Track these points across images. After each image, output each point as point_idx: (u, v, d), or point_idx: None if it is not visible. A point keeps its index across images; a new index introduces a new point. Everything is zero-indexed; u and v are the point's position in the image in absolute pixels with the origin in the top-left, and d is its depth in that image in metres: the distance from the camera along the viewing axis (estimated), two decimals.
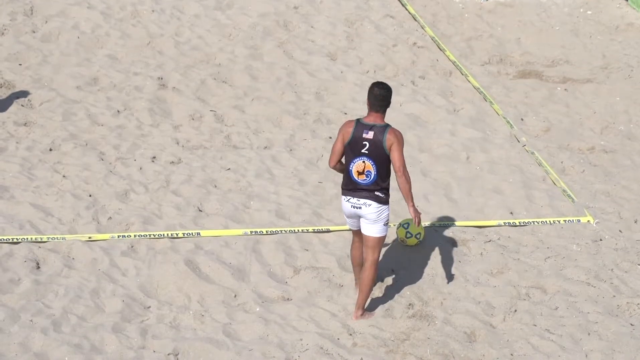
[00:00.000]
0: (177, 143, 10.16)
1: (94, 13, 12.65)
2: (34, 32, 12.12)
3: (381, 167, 7.35)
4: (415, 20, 13.12)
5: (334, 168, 7.56)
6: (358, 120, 7.44)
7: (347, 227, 8.66)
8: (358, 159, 7.35)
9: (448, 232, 8.84)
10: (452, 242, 8.72)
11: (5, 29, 12.10)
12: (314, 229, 8.78)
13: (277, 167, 9.85)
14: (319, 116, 10.83)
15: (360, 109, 10.88)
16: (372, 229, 7.46)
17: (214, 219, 8.89)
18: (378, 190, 7.37)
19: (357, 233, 7.70)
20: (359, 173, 7.37)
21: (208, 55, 11.94)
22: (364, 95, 11.15)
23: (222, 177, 9.58)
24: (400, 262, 8.36)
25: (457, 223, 8.98)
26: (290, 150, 10.18)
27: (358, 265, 7.81)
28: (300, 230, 8.75)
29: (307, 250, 8.52)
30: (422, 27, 12.91)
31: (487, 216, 9.19)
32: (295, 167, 9.86)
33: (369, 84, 11.34)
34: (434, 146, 10.36)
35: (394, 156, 7.27)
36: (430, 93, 11.44)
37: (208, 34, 12.44)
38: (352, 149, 7.38)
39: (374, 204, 7.38)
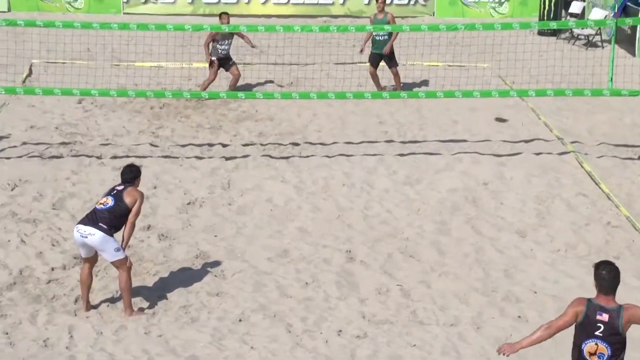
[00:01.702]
0: (363, 317, 10.13)
1: (287, 187, 13.08)
2: (230, 204, 12.60)
3: (615, 349, 7.32)
4: (609, 199, 12.82)
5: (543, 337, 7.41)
6: (589, 300, 7.41)
7: None
8: (591, 340, 7.32)
9: None
10: None
11: (203, 202, 12.64)
12: None
13: (464, 345, 9.62)
14: (507, 294, 10.58)
15: (550, 288, 10.61)
16: None
17: None
18: None
19: None
20: (591, 354, 7.32)
21: (396, 229, 12.02)
22: (554, 274, 10.91)
23: (408, 354, 9.43)
24: None
25: None
26: (478, 328, 9.94)
27: None
28: None
29: None
30: (617, 207, 12.58)
31: None
32: (482, 346, 9.59)
33: (560, 263, 11.21)
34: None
35: None
36: (625, 275, 10.89)
37: (396, 208, 12.57)
38: (584, 329, 7.34)
39: None
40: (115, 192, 9.91)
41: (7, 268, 10.75)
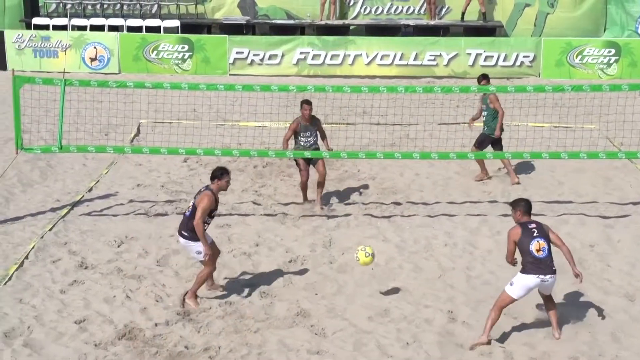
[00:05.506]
0: None
1: (388, 246, 13.02)
2: (331, 263, 12.60)
3: (548, 244, 10.19)
4: None
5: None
6: (519, 223, 10.33)
7: None
8: (534, 240, 10.16)
9: None
10: None
11: (304, 260, 12.68)
12: None
13: None
14: (614, 359, 10.25)
15: None
16: (551, 290, 10.47)
17: None
18: (552, 261, 10.19)
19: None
20: (537, 250, 10.13)
21: (499, 291, 11.73)
22: None
23: None
24: None
25: None
26: None
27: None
28: None
29: None
30: None
31: None
32: None
33: None
34: None
35: (554, 236, 10.27)
36: None
37: (500, 269, 12.35)
38: (526, 237, 10.18)
39: (555, 276, 10.25)
40: (197, 195, 10.79)
41: (113, 323, 10.92)
